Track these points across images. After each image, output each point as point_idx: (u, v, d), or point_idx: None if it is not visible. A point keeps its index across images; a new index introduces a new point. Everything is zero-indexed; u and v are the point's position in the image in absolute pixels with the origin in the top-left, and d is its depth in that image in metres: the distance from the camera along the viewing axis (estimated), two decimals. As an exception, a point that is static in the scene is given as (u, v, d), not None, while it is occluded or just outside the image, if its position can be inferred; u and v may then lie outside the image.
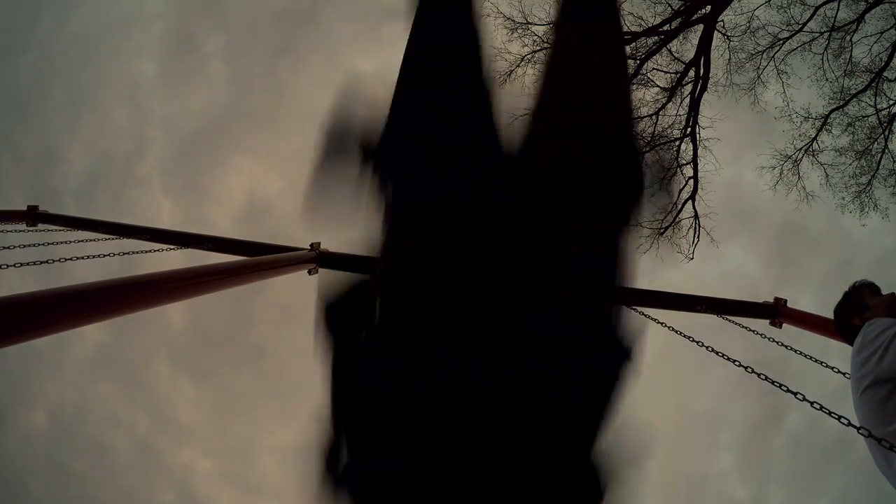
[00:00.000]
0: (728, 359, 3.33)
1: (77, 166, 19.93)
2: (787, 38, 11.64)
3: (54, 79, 19.34)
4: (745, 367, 3.14)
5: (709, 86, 11.87)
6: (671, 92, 11.94)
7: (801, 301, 5.06)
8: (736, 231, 17.55)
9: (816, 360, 3.59)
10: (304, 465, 1.57)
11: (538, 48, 11.89)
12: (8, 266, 3.07)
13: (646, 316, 4.33)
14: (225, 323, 22.38)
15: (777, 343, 3.98)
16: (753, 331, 4.31)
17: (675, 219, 12.40)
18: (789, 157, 12.24)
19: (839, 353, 3.15)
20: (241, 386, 22.07)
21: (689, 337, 3.70)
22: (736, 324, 4.50)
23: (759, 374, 3.04)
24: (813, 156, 12.18)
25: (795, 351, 3.78)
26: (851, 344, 2.41)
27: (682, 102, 12.12)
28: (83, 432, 20.56)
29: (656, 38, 11.63)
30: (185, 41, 20.46)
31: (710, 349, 3.55)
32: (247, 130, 21.72)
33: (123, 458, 20.66)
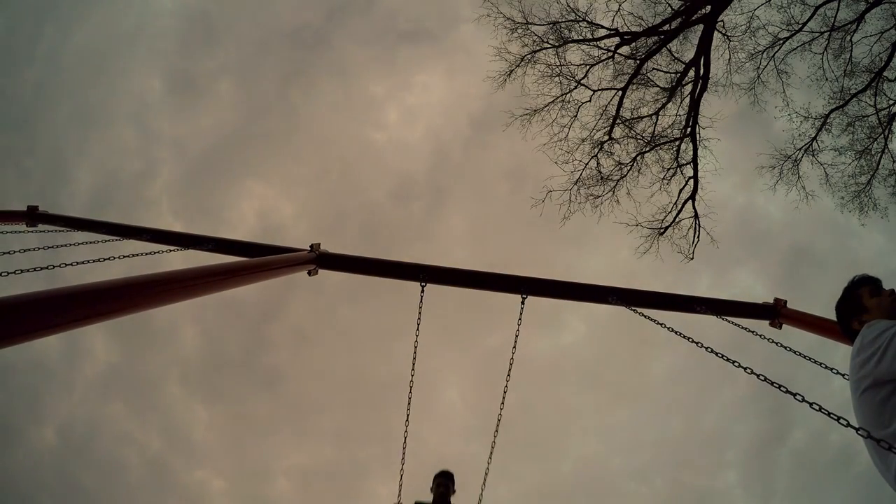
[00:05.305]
0: (727, 360, 3.34)
1: (83, 185, 19.81)
2: (787, 38, 11.64)
3: (59, 94, 19.19)
4: (745, 368, 3.15)
5: (709, 86, 11.87)
6: (671, 92, 11.94)
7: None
8: (745, 255, 17.59)
9: (815, 362, 3.60)
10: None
11: (538, 48, 11.90)
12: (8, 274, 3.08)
13: (646, 317, 4.33)
14: (239, 346, 22.34)
15: (777, 344, 3.99)
16: (754, 332, 4.31)
17: (675, 219, 12.42)
18: (789, 157, 12.24)
19: (840, 359, 3.16)
20: (255, 408, 21.96)
21: (689, 338, 3.71)
22: (736, 325, 4.51)
23: (758, 376, 3.06)
24: (813, 155, 12.19)
25: (795, 352, 3.79)
26: (852, 343, 2.41)
27: (682, 102, 12.12)
28: (95, 450, 20.48)
29: (656, 38, 11.63)
30: (195, 61, 20.32)
31: (709, 350, 3.56)
32: (258, 153, 21.58)
33: (135, 476, 20.55)
